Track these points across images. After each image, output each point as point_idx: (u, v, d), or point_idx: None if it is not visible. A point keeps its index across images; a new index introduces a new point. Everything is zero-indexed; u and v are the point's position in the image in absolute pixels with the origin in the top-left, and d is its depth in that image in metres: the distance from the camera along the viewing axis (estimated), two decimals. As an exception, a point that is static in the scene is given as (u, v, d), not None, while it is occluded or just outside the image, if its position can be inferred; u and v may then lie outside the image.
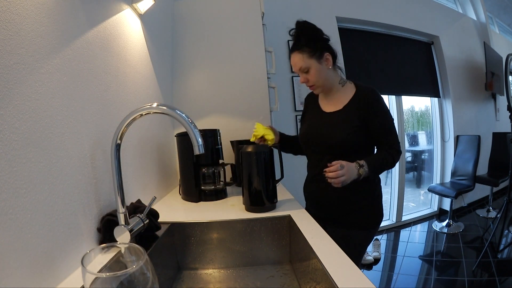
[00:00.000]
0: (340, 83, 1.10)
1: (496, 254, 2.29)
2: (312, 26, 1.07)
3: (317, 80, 1.06)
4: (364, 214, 1.05)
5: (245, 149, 1.01)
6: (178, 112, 0.61)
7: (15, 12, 0.48)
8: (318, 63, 1.04)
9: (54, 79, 0.58)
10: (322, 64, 1.04)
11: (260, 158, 0.99)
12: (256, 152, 0.99)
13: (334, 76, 1.09)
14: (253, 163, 0.99)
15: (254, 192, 0.98)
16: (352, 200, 1.04)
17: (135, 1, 1.03)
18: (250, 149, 1.00)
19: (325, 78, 1.06)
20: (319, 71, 1.04)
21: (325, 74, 1.06)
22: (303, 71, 1.06)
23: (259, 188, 0.98)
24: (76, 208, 0.63)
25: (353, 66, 2.86)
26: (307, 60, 1.03)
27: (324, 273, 0.56)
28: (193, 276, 0.89)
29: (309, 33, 1.05)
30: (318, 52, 1.03)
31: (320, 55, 1.03)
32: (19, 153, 0.47)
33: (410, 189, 3.67)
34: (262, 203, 0.98)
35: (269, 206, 0.99)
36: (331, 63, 1.06)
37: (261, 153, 0.99)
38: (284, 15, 2.62)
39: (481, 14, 3.85)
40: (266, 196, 0.98)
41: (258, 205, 0.98)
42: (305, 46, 1.03)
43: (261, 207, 0.98)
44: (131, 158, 0.97)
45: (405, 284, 2.06)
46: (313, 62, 1.03)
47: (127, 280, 0.35)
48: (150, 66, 1.24)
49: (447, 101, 3.49)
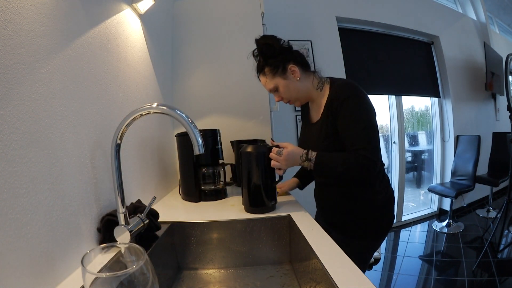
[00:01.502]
0: (318, 87, 1.00)
1: (496, 254, 2.29)
2: (266, 42, 0.96)
3: (290, 96, 1.00)
4: (365, 223, 0.98)
5: (244, 149, 0.99)
6: (178, 112, 0.61)
7: (15, 12, 0.48)
8: (284, 78, 0.97)
9: (54, 79, 0.58)
10: (289, 78, 0.97)
11: (260, 158, 0.97)
12: (256, 152, 0.97)
13: (307, 84, 1.00)
14: (253, 164, 0.97)
15: (254, 193, 0.97)
16: (350, 209, 0.99)
17: (135, 1, 1.03)
18: (249, 149, 0.98)
19: (297, 91, 0.99)
20: (287, 86, 0.98)
21: (296, 87, 0.98)
22: (273, 91, 1.01)
23: (258, 188, 0.96)
24: (76, 208, 0.63)
25: (353, 66, 2.86)
26: (272, 80, 0.98)
27: (324, 273, 0.56)
28: (193, 276, 0.89)
29: (264, 51, 0.96)
30: (280, 68, 0.96)
31: (283, 70, 0.96)
32: (19, 153, 0.47)
33: (410, 189, 3.67)
34: (262, 203, 0.97)
35: (268, 207, 0.97)
36: (299, 74, 0.97)
37: (261, 153, 0.97)
38: (284, 15, 2.63)
39: (481, 14, 3.85)
40: (266, 197, 0.97)
41: (257, 206, 0.97)
42: (265, 65, 0.97)
43: (260, 208, 0.97)
44: (131, 158, 0.97)
45: (405, 284, 2.06)
46: (278, 79, 0.97)
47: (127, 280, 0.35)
48: (150, 66, 1.24)
49: (447, 101, 3.50)
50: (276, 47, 0.96)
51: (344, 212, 1.01)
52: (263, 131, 1.63)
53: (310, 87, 1.00)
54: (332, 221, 1.06)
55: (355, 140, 0.88)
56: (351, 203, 0.98)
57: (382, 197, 0.98)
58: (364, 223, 0.98)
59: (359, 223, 0.99)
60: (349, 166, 0.86)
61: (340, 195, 1.00)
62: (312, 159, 0.89)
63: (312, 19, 2.72)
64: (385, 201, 0.99)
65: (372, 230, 0.99)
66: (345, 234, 1.01)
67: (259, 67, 1.00)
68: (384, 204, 0.99)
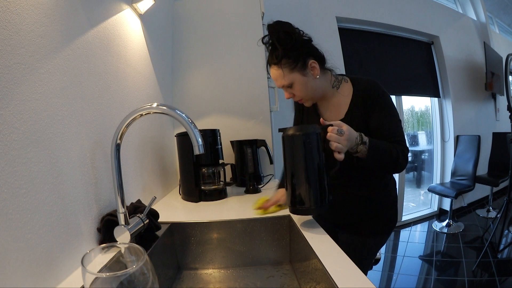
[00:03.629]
0: (334, 86, 0.95)
1: (496, 254, 2.29)
2: (287, 29, 0.86)
3: (305, 94, 0.91)
4: (380, 220, 1.00)
5: (289, 131, 0.77)
6: (178, 112, 0.61)
7: (15, 12, 0.48)
8: (303, 75, 0.87)
9: (54, 79, 0.58)
10: (308, 76, 0.88)
11: (313, 141, 0.74)
12: (308, 133, 0.74)
13: (324, 82, 0.93)
14: (305, 149, 0.75)
15: (312, 188, 0.75)
16: (366, 208, 0.99)
17: (135, 1, 1.03)
18: (298, 131, 0.75)
19: (314, 90, 0.91)
20: (305, 84, 0.88)
21: (313, 85, 0.90)
22: (286, 86, 0.91)
23: (316, 182, 0.75)
24: (76, 208, 0.63)
25: (353, 66, 2.86)
26: (288, 76, 0.87)
27: (324, 273, 0.56)
28: (193, 276, 0.89)
29: (285, 40, 0.85)
30: (301, 62, 0.86)
31: (303, 65, 0.86)
32: (19, 153, 0.47)
33: (410, 189, 3.67)
34: (322, 201, 0.76)
35: (326, 205, 0.77)
36: (318, 71, 0.88)
37: (314, 134, 0.74)
38: (284, 15, 2.62)
39: (481, 14, 3.85)
40: (325, 192, 0.76)
41: (320, 204, 0.76)
42: (283, 57, 0.85)
43: (320, 206, 0.76)
44: (131, 158, 0.97)
45: (405, 284, 2.06)
46: (296, 75, 0.87)
47: (127, 280, 0.35)
48: (150, 66, 1.24)
49: (447, 101, 3.49)
50: (298, 38, 0.85)
51: (358, 212, 1.01)
52: (263, 131, 1.63)
53: (326, 86, 0.94)
54: (344, 222, 1.06)
55: (394, 133, 0.87)
56: (366, 203, 0.99)
57: (393, 196, 1.03)
58: (375, 221, 1.00)
59: (371, 222, 1.01)
60: (397, 155, 0.83)
61: (355, 195, 0.99)
62: (366, 143, 0.79)
63: (312, 19, 2.72)
64: (394, 199, 1.03)
65: (382, 228, 1.02)
66: (356, 234, 1.02)
67: (275, 58, 0.87)
68: (393, 203, 1.03)
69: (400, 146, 0.86)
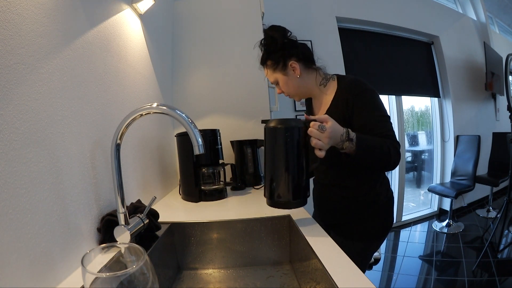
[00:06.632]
0: (322, 84, 0.99)
1: (496, 254, 2.29)
2: (270, 34, 0.95)
3: (289, 91, 1.00)
4: (368, 224, 0.96)
5: (270, 124, 0.77)
6: (178, 112, 0.61)
7: (15, 12, 0.48)
8: (284, 74, 0.97)
9: (54, 79, 0.58)
10: (289, 75, 0.96)
11: (294, 136, 0.74)
12: (288, 127, 0.74)
13: (308, 81, 0.98)
14: (283, 143, 0.75)
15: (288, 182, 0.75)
16: (350, 210, 0.97)
17: (135, 1, 1.03)
18: (279, 124, 0.75)
19: (296, 87, 0.99)
20: (286, 82, 0.98)
21: (295, 84, 0.98)
22: (274, 83, 1.02)
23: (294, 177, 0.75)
24: (76, 208, 0.63)
25: (353, 66, 2.86)
26: (272, 75, 0.99)
27: (324, 273, 0.56)
28: (193, 276, 0.89)
29: (268, 44, 0.95)
30: (281, 64, 0.95)
31: (283, 66, 0.95)
32: (19, 153, 0.47)
33: (410, 189, 3.67)
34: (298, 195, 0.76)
35: (303, 200, 0.78)
36: (299, 71, 0.95)
37: (295, 128, 0.74)
38: (284, 15, 2.63)
39: (481, 14, 3.85)
40: (302, 187, 0.77)
41: (296, 198, 0.76)
42: (267, 59, 0.97)
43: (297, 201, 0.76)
44: (131, 158, 0.97)
45: (405, 284, 2.06)
46: (279, 75, 0.97)
47: (127, 280, 0.34)
48: (150, 66, 1.24)
49: (447, 101, 3.50)
50: (278, 42, 0.94)
51: (344, 213, 0.99)
52: (263, 131, 1.63)
53: (311, 84, 0.99)
54: (331, 222, 1.05)
55: (381, 128, 0.84)
56: (352, 205, 0.97)
57: (383, 199, 0.97)
58: (363, 225, 0.97)
59: (359, 225, 0.97)
60: (388, 149, 0.80)
61: (341, 196, 0.99)
62: (353, 139, 0.76)
63: (312, 19, 2.72)
64: (385, 203, 0.98)
65: (371, 232, 0.98)
66: (343, 236, 1.00)
67: (262, 59, 1.00)
68: (384, 206, 0.98)
69: (389, 140, 0.82)
